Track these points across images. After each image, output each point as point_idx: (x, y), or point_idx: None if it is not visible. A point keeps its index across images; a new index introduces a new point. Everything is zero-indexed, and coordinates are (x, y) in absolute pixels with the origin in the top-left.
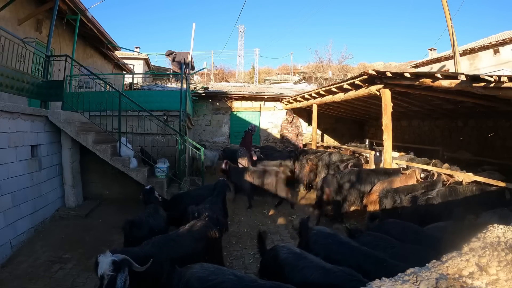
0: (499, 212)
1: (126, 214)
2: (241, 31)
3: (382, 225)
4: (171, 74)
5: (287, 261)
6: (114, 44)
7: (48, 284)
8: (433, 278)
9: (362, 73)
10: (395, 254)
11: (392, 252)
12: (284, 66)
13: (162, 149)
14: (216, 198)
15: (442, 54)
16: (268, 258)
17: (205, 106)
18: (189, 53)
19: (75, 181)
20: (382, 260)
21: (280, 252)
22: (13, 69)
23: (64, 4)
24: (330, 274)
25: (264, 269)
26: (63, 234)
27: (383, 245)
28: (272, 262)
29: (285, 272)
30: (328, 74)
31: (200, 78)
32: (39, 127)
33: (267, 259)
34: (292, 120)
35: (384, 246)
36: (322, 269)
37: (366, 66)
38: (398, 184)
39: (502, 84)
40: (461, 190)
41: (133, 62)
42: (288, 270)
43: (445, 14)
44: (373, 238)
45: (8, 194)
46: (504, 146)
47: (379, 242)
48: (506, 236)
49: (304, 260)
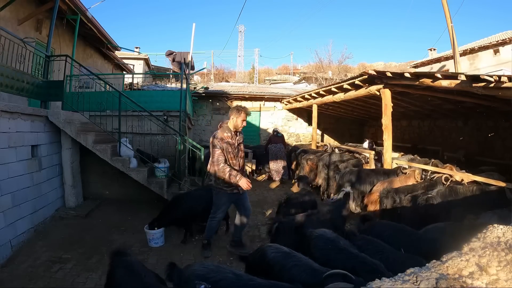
0: (499, 213)
1: (126, 214)
2: (241, 31)
3: (374, 227)
4: (171, 74)
5: (275, 260)
6: (114, 44)
7: (48, 284)
8: (433, 278)
9: (362, 73)
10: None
11: (380, 257)
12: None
13: (162, 149)
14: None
15: (442, 54)
16: (255, 257)
17: (205, 106)
18: (189, 53)
19: (75, 181)
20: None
21: (268, 251)
22: (13, 69)
23: (64, 4)
24: (318, 275)
25: (250, 269)
26: (63, 234)
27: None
28: (259, 261)
29: (274, 271)
30: (328, 74)
31: (200, 78)
32: (39, 127)
33: (254, 259)
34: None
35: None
36: (310, 268)
37: (366, 66)
38: (398, 184)
39: (502, 84)
40: (461, 190)
41: (133, 62)
42: (276, 269)
43: (445, 14)
44: (365, 242)
45: (8, 194)
46: (504, 146)
47: (369, 247)
48: (506, 236)
49: (293, 259)
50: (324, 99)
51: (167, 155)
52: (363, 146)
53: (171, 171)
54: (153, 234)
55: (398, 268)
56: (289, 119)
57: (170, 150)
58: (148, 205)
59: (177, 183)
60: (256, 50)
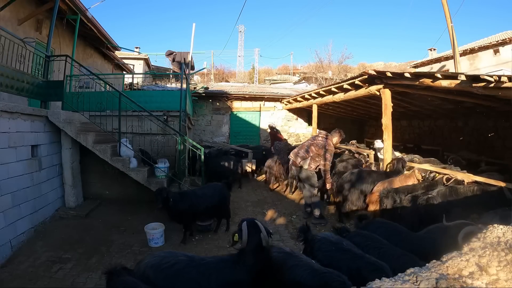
0: (500, 213)
1: (126, 214)
2: (241, 31)
3: (368, 226)
4: (171, 74)
5: (276, 260)
6: (114, 44)
7: (48, 284)
8: (433, 278)
9: (362, 73)
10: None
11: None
12: (284, 66)
13: (162, 149)
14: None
15: (442, 54)
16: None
17: (205, 106)
18: (189, 53)
19: (75, 181)
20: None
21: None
22: (13, 69)
23: (64, 4)
24: (317, 275)
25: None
26: (63, 234)
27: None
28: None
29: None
30: (328, 74)
31: (200, 78)
32: (39, 127)
33: None
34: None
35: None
36: (310, 268)
37: (366, 66)
38: (398, 184)
39: (502, 84)
40: (462, 191)
41: (133, 62)
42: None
43: (445, 14)
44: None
45: (8, 194)
46: (504, 146)
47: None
48: (506, 236)
49: (294, 259)
50: (324, 99)
51: (167, 155)
52: (376, 146)
53: (171, 171)
54: (153, 234)
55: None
56: (289, 119)
57: (170, 150)
58: (148, 205)
59: (177, 183)
60: (256, 50)
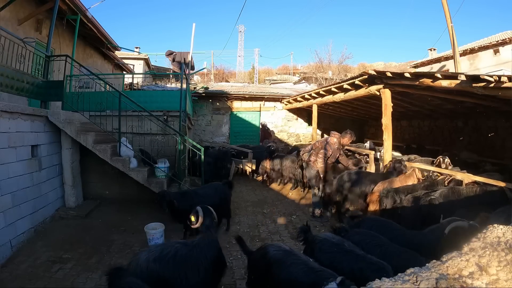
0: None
1: (126, 214)
2: (241, 31)
3: (361, 224)
4: (171, 74)
5: (275, 258)
6: (114, 44)
7: (48, 284)
8: (433, 278)
9: (362, 73)
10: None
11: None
12: (284, 66)
13: (162, 149)
14: None
15: (442, 54)
16: (257, 256)
17: (205, 106)
18: (189, 53)
19: (75, 181)
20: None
21: (270, 249)
22: (13, 69)
23: (64, 4)
24: (312, 273)
25: (253, 268)
26: (63, 234)
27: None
28: (261, 259)
29: (273, 268)
30: (328, 74)
31: (200, 78)
32: (39, 127)
33: (256, 257)
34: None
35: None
36: (306, 266)
37: (366, 66)
38: (398, 184)
39: (502, 84)
40: (463, 191)
41: (133, 62)
42: (276, 266)
43: (445, 14)
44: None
45: (8, 194)
46: (504, 146)
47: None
48: (506, 236)
49: (292, 257)
50: (324, 99)
51: (167, 155)
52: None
53: (171, 171)
54: (153, 234)
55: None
56: (289, 119)
57: (170, 150)
58: (148, 205)
59: (177, 183)
60: (256, 50)
